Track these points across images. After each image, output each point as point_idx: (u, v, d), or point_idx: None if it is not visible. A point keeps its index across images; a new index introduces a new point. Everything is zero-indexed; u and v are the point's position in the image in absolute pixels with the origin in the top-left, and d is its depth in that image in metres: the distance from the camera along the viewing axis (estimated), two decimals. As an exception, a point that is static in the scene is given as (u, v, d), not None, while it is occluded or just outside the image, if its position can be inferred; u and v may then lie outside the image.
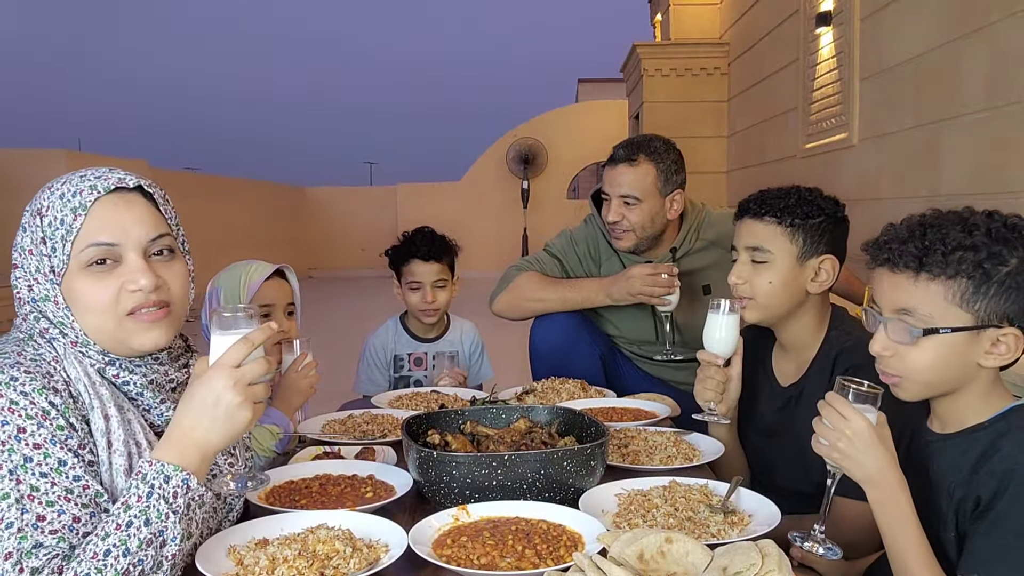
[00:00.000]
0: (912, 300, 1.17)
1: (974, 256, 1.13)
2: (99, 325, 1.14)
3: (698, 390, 1.73)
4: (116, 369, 1.17)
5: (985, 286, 1.13)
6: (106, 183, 1.14)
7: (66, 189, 1.14)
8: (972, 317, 1.15)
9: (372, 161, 50.35)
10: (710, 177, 7.11)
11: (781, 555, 1.00)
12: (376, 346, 2.61)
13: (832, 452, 1.17)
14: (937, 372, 1.18)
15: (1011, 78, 2.78)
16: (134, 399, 1.19)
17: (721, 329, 1.66)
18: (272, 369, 1.10)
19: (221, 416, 1.05)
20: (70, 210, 1.12)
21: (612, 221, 2.32)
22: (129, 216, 1.15)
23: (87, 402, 1.10)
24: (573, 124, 13.68)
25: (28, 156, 7.11)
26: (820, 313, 1.70)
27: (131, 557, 0.97)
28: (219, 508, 1.25)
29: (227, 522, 1.27)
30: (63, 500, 1.02)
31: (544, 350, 2.36)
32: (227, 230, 10.96)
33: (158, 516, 1.00)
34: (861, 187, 4.14)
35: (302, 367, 1.86)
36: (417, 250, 2.52)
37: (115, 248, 1.13)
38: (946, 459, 1.21)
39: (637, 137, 2.38)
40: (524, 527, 1.19)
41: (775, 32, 5.72)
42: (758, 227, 1.66)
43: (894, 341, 1.20)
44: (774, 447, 1.75)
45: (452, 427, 1.56)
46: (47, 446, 1.03)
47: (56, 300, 1.13)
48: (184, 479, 1.03)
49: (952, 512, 1.18)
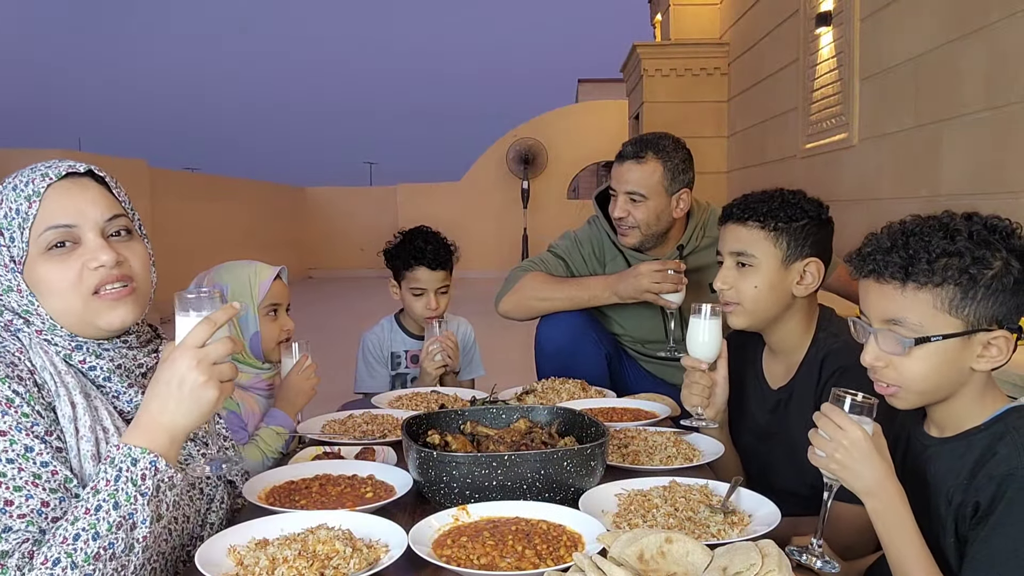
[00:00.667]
0: (901, 310, 1.17)
1: (959, 262, 1.13)
2: (65, 307, 1.16)
3: (685, 396, 1.73)
4: (83, 354, 1.18)
5: (973, 291, 1.13)
6: (57, 170, 1.17)
7: (18, 181, 1.16)
8: (962, 323, 1.15)
9: (372, 161, 50.38)
10: (710, 177, 7.11)
11: (781, 555, 1.00)
12: (373, 342, 2.61)
13: (829, 463, 1.16)
14: (932, 380, 1.18)
15: (1011, 78, 2.78)
16: (102, 385, 1.20)
17: (704, 333, 1.67)
18: (238, 350, 1.11)
19: (187, 396, 1.05)
20: (24, 198, 1.14)
21: (618, 217, 2.33)
22: (83, 198, 1.17)
23: (53, 390, 1.11)
24: (573, 124, 13.67)
25: (28, 156, 7.10)
26: (807, 316, 1.70)
27: (101, 540, 0.98)
28: (195, 497, 1.26)
29: (213, 513, 1.28)
30: (31, 485, 1.03)
31: (550, 350, 2.37)
32: (227, 230, 10.96)
33: (127, 499, 1.01)
34: (861, 187, 4.14)
35: (304, 369, 1.90)
36: (424, 257, 2.47)
37: (73, 230, 1.16)
38: (944, 463, 1.21)
39: (647, 135, 2.39)
40: (524, 527, 1.18)
41: (775, 32, 5.72)
42: (742, 231, 1.66)
43: (886, 352, 1.19)
44: (767, 449, 1.75)
45: (452, 427, 1.56)
46: (13, 433, 1.04)
47: (19, 289, 1.15)
48: (152, 461, 1.03)
49: (951, 517, 1.17)
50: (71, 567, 0.96)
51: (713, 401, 1.71)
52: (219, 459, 1.19)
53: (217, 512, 1.30)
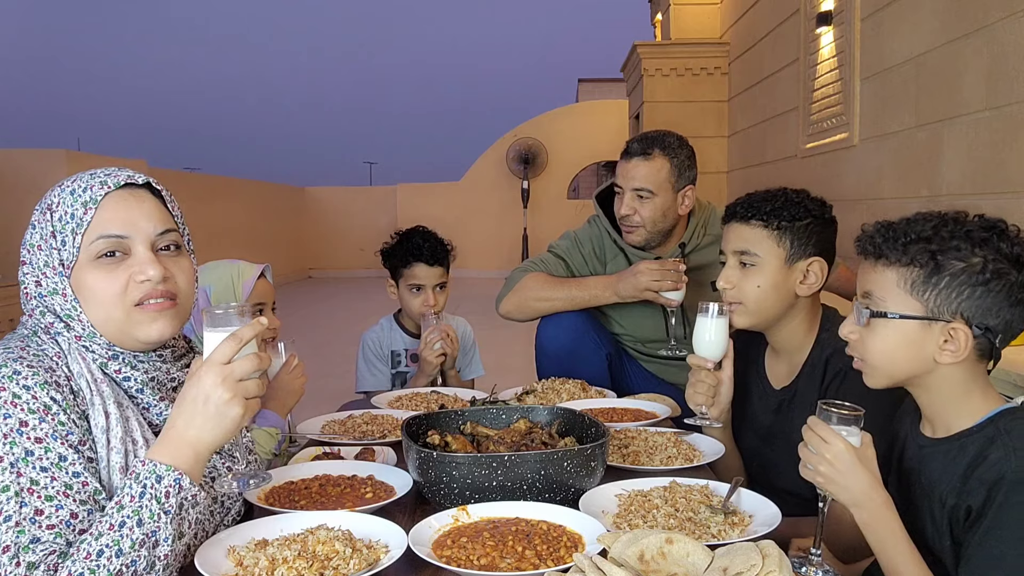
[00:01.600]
0: (870, 284, 1.22)
1: (929, 246, 1.15)
2: (107, 316, 1.16)
3: (689, 394, 1.72)
4: (119, 364, 1.18)
5: (936, 277, 1.15)
6: (116, 179, 1.18)
7: (76, 185, 1.17)
8: (922, 307, 1.16)
9: (372, 161, 50.37)
10: (711, 177, 7.11)
11: (782, 555, 0.99)
12: (373, 340, 2.61)
13: (816, 476, 1.17)
14: (890, 359, 1.20)
15: (1011, 78, 2.78)
16: (134, 396, 1.20)
17: (710, 332, 1.66)
18: (265, 365, 1.10)
19: (212, 413, 1.05)
20: (81, 204, 1.15)
21: (624, 215, 2.33)
22: (138, 210, 1.18)
23: (88, 398, 1.11)
24: (573, 124, 13.66)
25: (28, 156, 7.09)
26: (810, 315, 1.70)
27: (124, 558, 0.98)
28: (216, 511, 1.25)
29: (223, 526, 1.27)
30: (62, 495, 1.02)
31: (552, 350, 2.37)
32: (227, 230, 10.95)
33: (151, 516, 1.00)
34: (862, 187, 4.14)
35: (292, 368, 1.88)
36: (421, 253, 2.49)
37: (124, 240, 1.16)
38: (938, 465, 1.21)
39: (652, 132, 2.39)
40: (524, 528, 1.18)
41: (775, 32, 5.72)
42: (745, 230, 1.66)
43: (855, 325, 1.24)
44: (770, 449, 1.74)
45: (452, 428, 1.56)
46: (48, 441, 1.04)
47: (64, 293, 1.15)
48: (176, 479, 1.03)
49: (946, 520, 1.17)
50: None
51: (718, 400, 1.70)
52: (247, 475, 1.18)
53: (229, 523, 1.29)
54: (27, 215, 1.23)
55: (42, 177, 6.52)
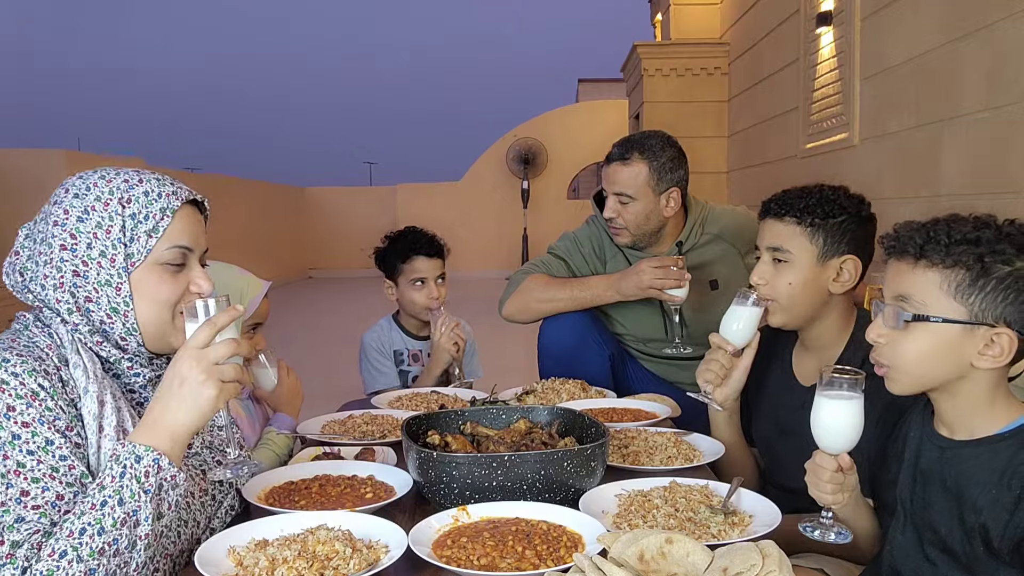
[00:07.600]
0: (908, 287, 1.17)
1: (975, 249, 1.12)
2: (158, 318, 1.21)
3: (700, 369, 1.71)
4: (130, 362, 1.23)
5: (983, 280, 1.12)
6: (187, 193, 1.26)
7: (149, 188, 1.21)
8: (966, 311, 1.13)
9: (372, 161, 50.40)
10: (710, 177, 7.11)
11: (782, 556, 0.99)
12: (375, 340, 2.60)
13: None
14: (926, 364, 1.17)
15: (1011, 78, 2.78)
16: (136, 391, 1.24)
17: (740, 320, 1.65)
18: (243, 351, 1.14)
19: (187, 395, 1.08)
20: (159, 209, 1.21)
21: (608, 217, 2.36)
22: (199, 227, 1.28)
23: (81, 387, 1.13)
24: (573, 124, 13.66)
25: (27, 156, 7.09)
26: (845, 314, 1.67)
27: (106, 536, 1.00)
28: (207, 504, 1.28)
29: (216, 519, 1.30)
30: (48, 478, 1.05)
31: (554, 350, 2.37)
32: (226, 230, 10.94)
33: (131, 496, 1.03)
34: (862, 187, 4.11)
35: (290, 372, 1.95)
36: (420, 246, 2.52)
37: (190, 253, 1.24)
38: (966, 470, 1.17)
39: (635, 134, 2.39)
40: (524, 528, 1.18)
41: (775, 32, 5.72)
42: (778, 227, 1.64)
43: (888, 328, 1.19)
44: (788, 446, 1.72)
45: (452, 428, 1.56)
46: (35, 425, 1.06)
47: (119, 287, 1.18)
48: (155, 459, 1.05)
49: (978, 527, 1.13)
50: (76, 560, 0.98)
51: (727, 383, 1.69)
52: (239, 463, 1.22)
53: (223, 519, 1.31)
54: (27, 215, 1.23)
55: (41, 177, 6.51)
